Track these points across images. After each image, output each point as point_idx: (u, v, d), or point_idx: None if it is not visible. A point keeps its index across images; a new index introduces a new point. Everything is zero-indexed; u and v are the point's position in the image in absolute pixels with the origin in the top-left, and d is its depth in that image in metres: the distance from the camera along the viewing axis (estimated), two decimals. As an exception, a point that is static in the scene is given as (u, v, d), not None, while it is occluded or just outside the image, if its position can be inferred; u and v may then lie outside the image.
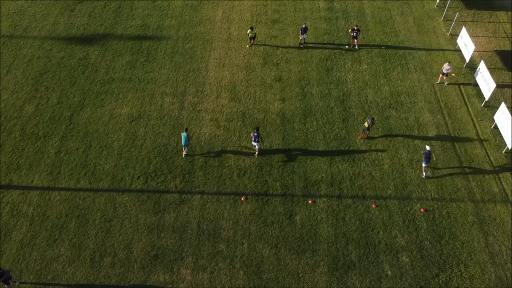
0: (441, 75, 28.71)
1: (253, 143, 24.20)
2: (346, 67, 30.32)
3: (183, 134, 23.88)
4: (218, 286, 19.75)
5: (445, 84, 28.75)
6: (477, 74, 28.39)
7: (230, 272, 20.20)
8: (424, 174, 23.87)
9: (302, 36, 30.96)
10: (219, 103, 27.82)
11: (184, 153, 24.57)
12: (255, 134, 23.73)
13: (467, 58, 29.91)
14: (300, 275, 20.14)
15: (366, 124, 24.94)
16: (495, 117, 26.16)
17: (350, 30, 30.93)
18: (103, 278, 19.96)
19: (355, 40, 31.10)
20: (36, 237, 21.35)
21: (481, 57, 30.73)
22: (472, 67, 30.11)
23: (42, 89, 28.64)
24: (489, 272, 20.29)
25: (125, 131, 26.15)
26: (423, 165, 23.63)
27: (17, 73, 29.71)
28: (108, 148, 25.23)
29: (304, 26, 30.62)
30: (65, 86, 28.86)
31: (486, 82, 27.24)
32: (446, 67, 28.01)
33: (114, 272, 20.18)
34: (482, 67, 27.75)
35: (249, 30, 30.76)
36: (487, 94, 27.10)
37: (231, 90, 28.61)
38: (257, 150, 24.59)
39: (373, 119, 25.09)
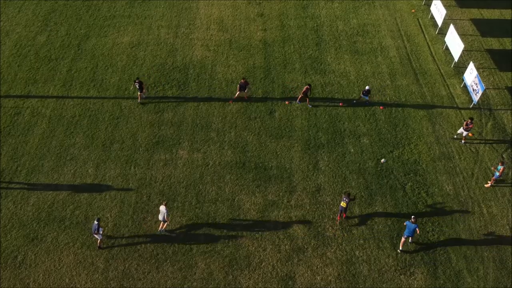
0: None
1: None
2: (320, 5, 34.54)
3: None
4: (210, 161, 23.77)
5: (367, 100, 27.32)
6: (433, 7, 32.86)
7: (220, 152, 24.22)
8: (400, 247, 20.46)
9: None
10: (208, 33, 31.82)
11: None
12: None
13: None
14: (278, 153, 24.24)
15: (343, 204, 20.57)
16: (446, 39, 30.57)
17: None
18: (114, 158, 23.84)
19: None
20: (55, 131, 25.13)
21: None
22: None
23: (51, 24, 32.36)
24: (434, 149, 24.58)
25: (127, 54, 30.00)
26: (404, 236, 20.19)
27: (27, 12, 33.38)
28: (113, 66, 29.06)
29: None
30: (72, 22, 32.61)
31: (439, 12, 31.70)
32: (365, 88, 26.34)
33: (123, 153, 24.06)
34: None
35: None
36: (439, 21, 31.50)
37: (219, 23, 32.62)
38: None
39: (348, 195, 20.49)
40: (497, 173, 22.18)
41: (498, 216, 21.64)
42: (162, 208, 19.95)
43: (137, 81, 25.91)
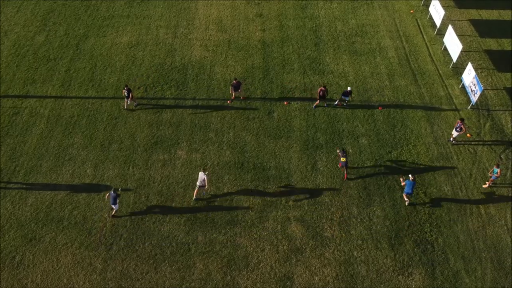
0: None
1: None
2: (319, 6, 34.54)
3: None
4: (208, 162, 23.75)
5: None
6: (431, 7, 32.88)
7: (218, 152, 24.21)
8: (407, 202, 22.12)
9: None
10: (207, 33, 31.79)
11: None
12: None
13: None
14: (277, 153, 24.23)
15: (343, 159, 22.60)
16: (444, 40, 30.59)
17: None
18: (112, 158, 23.82)
19: None
20: (53, 131, 25.09)
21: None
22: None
23: (50, 24, 32.31)
24: (433, 150, 24.59)
25: (126, 54, 29.97)
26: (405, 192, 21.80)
27: (26, 11, 33.33)
28: (112, 66, 29.03)
29: None
30: (71, 22, 32.57)
31: (438, 12, 31.71)
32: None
33: (122, 154, 24.03)
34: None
35: None
36: (438, 22, 31.53)
37: (218, 24, 32.60)
38: None
39: (343, 149, 23.09)
40: (495, 175, 22.20)
41: (496, 216, 21.66)
42: (201, 174, 21.12)
43: (125, 88, 25.78)
